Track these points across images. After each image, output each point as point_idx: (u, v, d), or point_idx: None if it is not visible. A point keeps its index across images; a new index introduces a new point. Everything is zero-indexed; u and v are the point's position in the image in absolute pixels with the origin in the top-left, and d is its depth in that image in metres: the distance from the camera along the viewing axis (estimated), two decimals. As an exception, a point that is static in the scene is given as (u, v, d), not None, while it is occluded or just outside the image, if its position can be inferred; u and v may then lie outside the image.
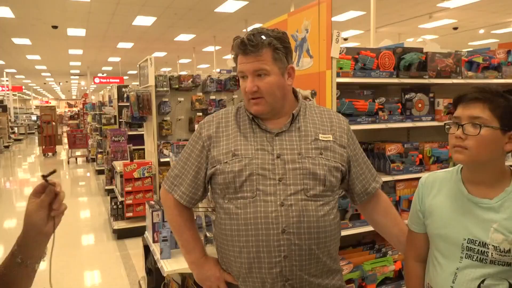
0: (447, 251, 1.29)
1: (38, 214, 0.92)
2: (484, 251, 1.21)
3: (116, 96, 8.22)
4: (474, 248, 1.23)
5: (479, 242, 1.22)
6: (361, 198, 1.53)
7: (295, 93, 1.49)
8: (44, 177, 0.94)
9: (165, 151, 4.50)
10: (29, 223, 0.93)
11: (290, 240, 1.30)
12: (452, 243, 1.28)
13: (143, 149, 6.07)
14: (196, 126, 1.63)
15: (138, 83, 5.56)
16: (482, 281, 1.21)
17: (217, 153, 1.39)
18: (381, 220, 1.57)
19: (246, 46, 1.32)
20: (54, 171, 0.96)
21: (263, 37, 1.33)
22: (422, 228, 1.40)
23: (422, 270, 1.43)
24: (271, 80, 1.34)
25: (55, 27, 10.48)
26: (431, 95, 2.90)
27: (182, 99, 4.93)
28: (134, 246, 4.72)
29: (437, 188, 1.36)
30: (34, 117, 25.07)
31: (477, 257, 1.22)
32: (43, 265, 1.01)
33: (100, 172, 9.12)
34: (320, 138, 1.39)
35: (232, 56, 1.42)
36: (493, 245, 1.19)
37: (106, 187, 7.14)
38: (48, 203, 0.94)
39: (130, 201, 4.91)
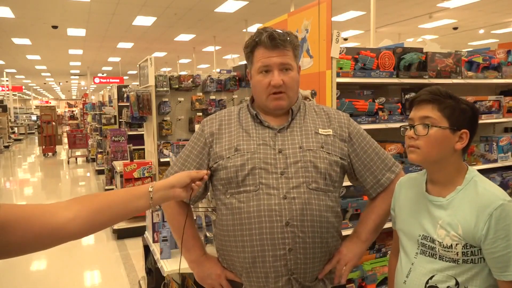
0: (407, 246, 1.36)
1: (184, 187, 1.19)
2: (433, 247, 1.27)
3: (116, 96, 8.21)
4: (426, 244, 1.29)
5: (430, 238, 1.28)
6: (376, 190, 1.49)
7: None
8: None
9: (165, 151, 4.50)
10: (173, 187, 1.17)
11: (294, 233, 1.30)
12: (410, 238, 1.35)
13: (143, 149, 6.06)
14: (197, 126, 1.63)
15: (138, 83, 5.56)
16: (431, 277, 1.26)
17: (219, 149, 1.41)
18: (371, 202, 1.53)
19: (276, 39, 1.34)
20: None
21: (286, 35, 1.37)
22: (395, 225, 1.48)
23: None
24: (294, 75, 1.38)
25: (55, 27, 10.48)
26: (431, 95, 2.90)
27: (182, 99, 4.93)
28: (134, 246, 4.72)
29: (405, 188, 1.43)
30: (34, 117, 25.07)
31: (429, 252, 1.28)
32: (43, 266, 1.01)
33: (100, 172, 9.11)
34: (320, 132, 1.41)
35: (246, 51, 1.42)
36: (438, 241, 1.25)
37: (106, 187, 7.14)
38: (194, 179, 1.21)
39: (130, 201, 4.90)
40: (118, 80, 17.56)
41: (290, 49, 1.37)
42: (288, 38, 1.36)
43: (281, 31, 1.37)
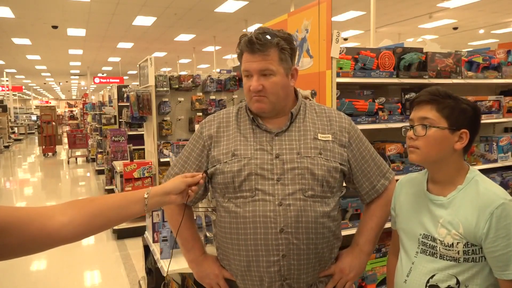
0: (407, 245, 1.37)
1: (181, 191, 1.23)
2: (434, 245, 1.27)
3: (116, 96, 8.21)
4: (427, 243, 1.29)
5: (431, 237, 1.28)
6: (370, 196, 1.49)
7: (295, 92, 1.49)
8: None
9: (165, 151, 4.51)
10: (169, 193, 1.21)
11: (288, 240, 1.30)
12: (411, 237, 1.35)
13: (143, 149, 6.07)
14: (197, 126, 1.63)
15: (138, 83, 5.56)
16: (432, 276, 1.26)
17: (217, 153, 1.40)
18: (368, 210, 1.53)
19: (254, 44, 1.30)
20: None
21: (271, 37, 1.32)
22: (395, 224, 1.48)
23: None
24: (276, 80, 1.34)
25: (55, 27, 10.48)
26: (431, 95, 2.90)
27: (182, 99, 4.93)
28: (134, 246, 4.72)
29: (406, 187, 1.44)
30: (34, 117, 25.08)
31: (429, 251, 1.29)
32: (43, 266, 1.03)
33: (100, 172, 9.11)
34: (319, 138, 1.39)
35: (237, 53, 1.41)
36: (439, 240, 1.25)
37: (106, 187, 7.14)
38: (190, 185, 1.25)
39: (130, 201, 4.90)
40: (118, 80, 17.56)
41: (273, 52, 1.32)
42: (271, 41, 1.31)
43: (264, 33, 1.32)
